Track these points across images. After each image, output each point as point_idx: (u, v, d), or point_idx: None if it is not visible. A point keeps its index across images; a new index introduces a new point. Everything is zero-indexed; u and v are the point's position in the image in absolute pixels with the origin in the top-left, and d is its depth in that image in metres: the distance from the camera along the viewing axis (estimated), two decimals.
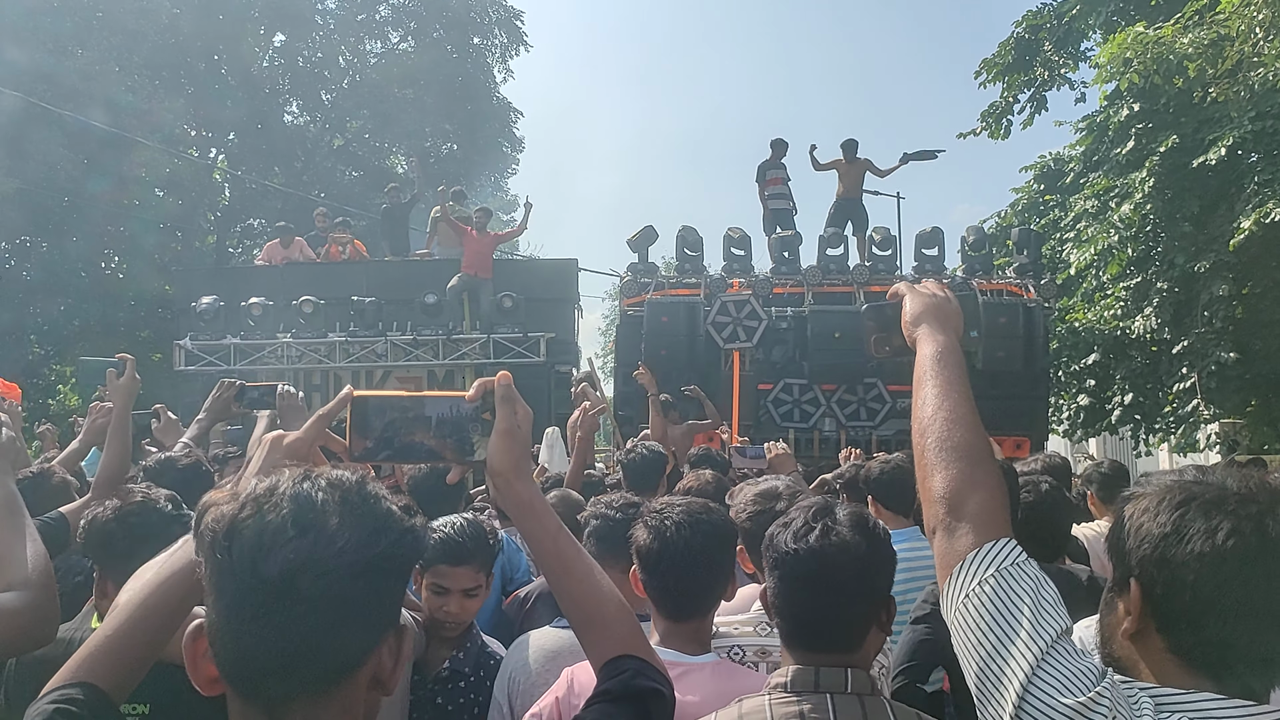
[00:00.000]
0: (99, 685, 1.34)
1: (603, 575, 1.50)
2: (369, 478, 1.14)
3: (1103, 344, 14.88)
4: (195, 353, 12.76)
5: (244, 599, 1.04)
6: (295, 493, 1.07)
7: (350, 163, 27.92)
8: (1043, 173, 18.79)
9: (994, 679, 1.26)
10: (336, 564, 1.03)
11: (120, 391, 3.75)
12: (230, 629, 1.05)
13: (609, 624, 1.46)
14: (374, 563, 1.06)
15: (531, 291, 13.29)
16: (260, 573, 1.02)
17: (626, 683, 1.38)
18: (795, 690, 1.73)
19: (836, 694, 1.71)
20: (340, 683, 1.07)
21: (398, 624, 1.14)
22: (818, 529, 1.83)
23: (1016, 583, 1.31)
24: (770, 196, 13.76)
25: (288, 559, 1.02)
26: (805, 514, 1.87)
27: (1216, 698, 1.22)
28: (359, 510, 1.08)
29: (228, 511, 1.06)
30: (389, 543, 1.08)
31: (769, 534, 1.92)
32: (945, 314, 1.65)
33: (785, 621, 1.84)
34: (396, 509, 1.12)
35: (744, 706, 1.76)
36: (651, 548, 2.29)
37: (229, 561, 1.04)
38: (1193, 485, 1.31)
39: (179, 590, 1.40)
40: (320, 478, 1.10)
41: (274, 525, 1.04)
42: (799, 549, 1.81)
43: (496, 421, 1.45)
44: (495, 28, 28.50)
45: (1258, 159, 12.59)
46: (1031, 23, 16.35)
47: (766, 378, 11.85)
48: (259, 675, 1.06)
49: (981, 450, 1.45)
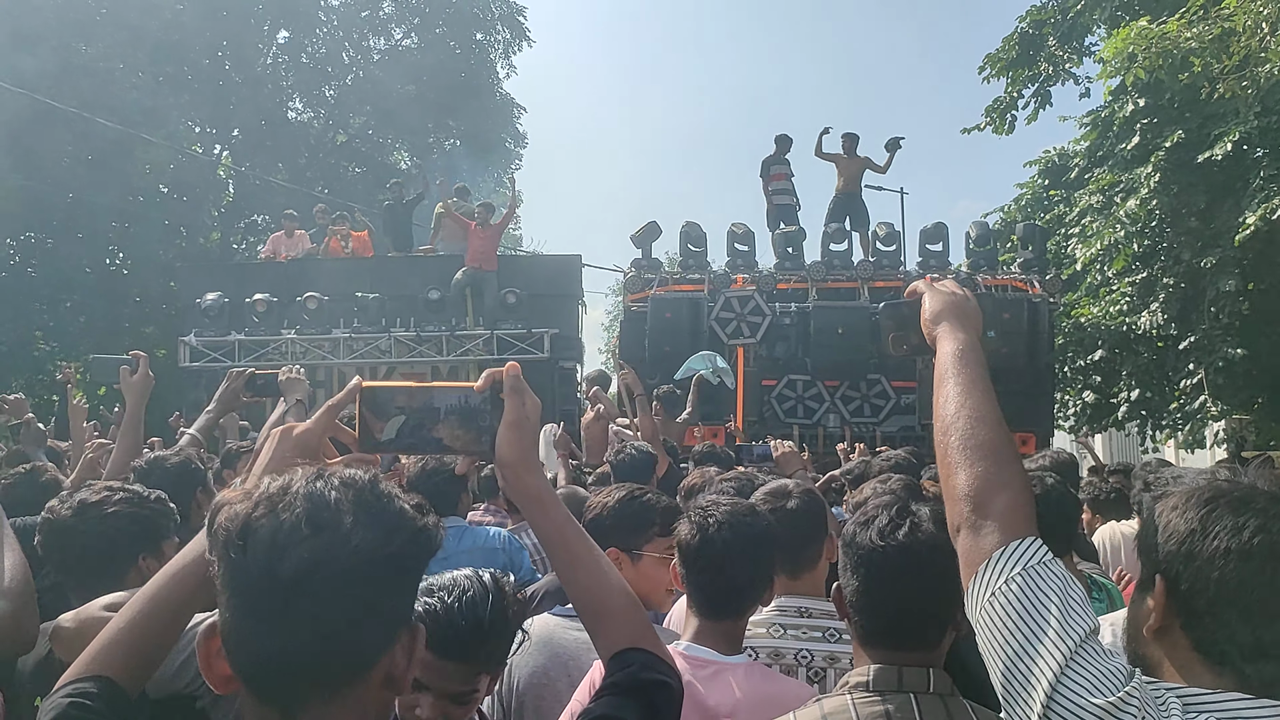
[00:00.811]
0: (114, 679, 1.34)
1: (611, 567, 1.50)
2: (381, 476, 1.14)
3: (1108, 340, 14.86)
4: (200, 349, 12.81)
5: (258, 599, 1.04)
6: (309, 492, 1.07)
7: (354, 159, 27.90)
8: (1047, 168, 18.77)
9: (1021, 678, 1.26)
10: (351, 564, 1.03)
11: (134, 389, 3.75)
12: (244, 628, 1.05)
13: (616, 616, 1.45)
14: (388, 562, 1.07)
15: (535, 287, 13.32)
16: (275, 572, 1.02)
17: (634, 675, 1.38)
18: (878, 690, 1.71)
19: (920, 694, 1.70)
20: (354, 682, 1.07)
21: (411, 623, 1.14)
22: (905, 525, 1.81)
23: (1044, 581, 1.30)
24: (774, 192, 13.76)
25: (302, 558, 1.02)
26: (889, 511, 1.85)
27: (1245, 698, 1.22)
28: (373, 509, 1.07)
29: (241, 511, 1.06)
30: (402, 542, 1.08)
31: (848, 531, 1.89)
32: (965, 312, 1.64)
33: (868, 619, 1.81)
34: (409, 508, 1.12)
35: (825, 706, 1.74)
36: (692, 544, 2.30)
37: (243, 561, 1.04)
38: (1222, 484, 1.31)
39: (191, 583, 1.40)
40: (334, 477, 1.09)
41: (288, 525, 1.04)
42: (887, 546, 1.79)
43: (505, 413, 1.45)
44: (498, 23, 28.44)
45: (1263, 154, 12.56)
46: (1036, 17, 16.30)
47: (770, 374, 11.86)
48: (273, 675, 1.06)
49: (1006, 448, 1.45)
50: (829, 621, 2.55)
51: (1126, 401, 14.93)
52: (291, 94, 27.29)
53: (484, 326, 12.73)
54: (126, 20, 21.97)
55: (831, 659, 2.48)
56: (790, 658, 2.47)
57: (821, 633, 2.54)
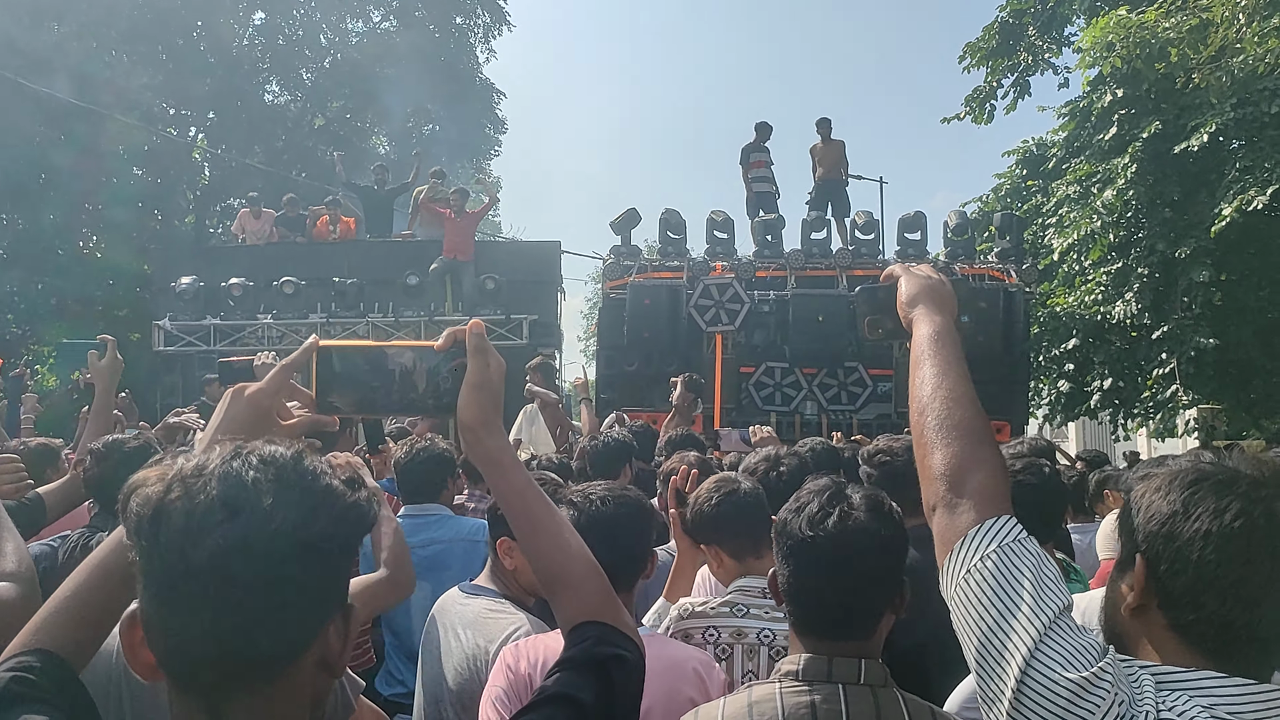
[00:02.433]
0: (57, 652, 1.28)
1: (574, 535, 1.45)
2: (307, 450, 1.08)
3: (1083, 329, 14.96)
4: (174, 333, 12.67)
5: (173, 587, 0.98)
6: (224, 472, 1.01)
7: (331, 142, 27.68)
8: (1025, 158, 18.83)
9: (995, 655, 1.26)
10: (271, 547, 0.98)
11: (102, 373, 3.71)
12: (161, 617, 1.00)
13: (577, 585, 1.41)
14: (313, 543, 1.01)
15: (514, 274, 13.27)
16: (188, 559, 0.96)
17: (588, 650, 1.35)
18: (807, 679, 1.70)
19: (849, 685, 1.68)
20: (284, 670, 1.02)
21: (345, 603, 1.08)
22: (835, 513, 1.77)
23: (1019, 559, 1.31)
24: (754, 179, 13.76)
25: (217, 544, 0.96)
26: (819, 498, 1.81)
27: (1217, 675, 1.23)
28: (295, 488, 1.02)
29: (154, 493, 1.00)
30: (328, 521, 1.02)
31: (780, 519, 1.86)
32: (941, 296, 1.64)
33: (798, 608, 1.79)
34: (338, 483, 1.06)
35: (754, 694, 1.72)
36: (580, 523, 2.31)
37: (156, 547, 0.99)
38: (1206, 467, 1.32)
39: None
40: (253, 454, 1.03)
41: (202, 508, 0.98)
42: (816, 535, 1.76)
43: (468, 374, 1.39)
44: (478, 7, 28.27)
45: (1239, 145, 12.66)
46: (1016, 7, 16.34)
47: (748, 361, 11.86)
48: (194, 665, 1.01)
49: (981, 428, 1.45)
50: None
51: (1099, 390, 15.04)
52: (268, 76, 27.04)
53: (462, 312, 12.67)
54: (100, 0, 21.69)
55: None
56: (753, 636, 2.47)
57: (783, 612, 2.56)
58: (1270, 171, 11.52)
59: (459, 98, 27.24)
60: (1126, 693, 1.20)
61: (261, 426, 1.38)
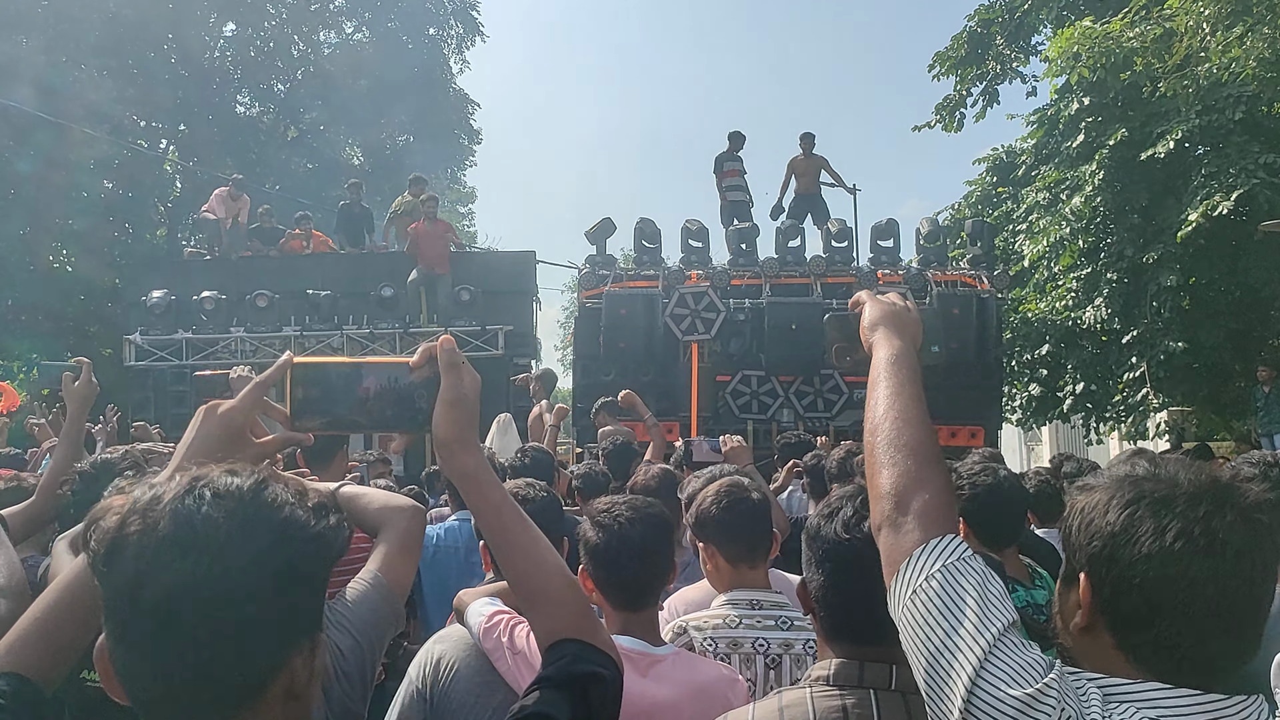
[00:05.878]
0: (27, 675, 1.25)
1: (550, 550, 1.43)
2: (269, 479, 1.05)
3: (1054, 334, 15.13)
4: (146, 348, 12.54)
5: (127, 624, 0.96)
6: (175, 510, 0.97)
7: (305, 154, 27.53)
8: (995, 165, 19.05)
9: (943, 673, 1.26)
10: (227, 586, 0.95)
11: (76, 397, 3.65)
12: (119, 652, 0.98)
13: (554, 602, 1.39)
14: (276, 577, 0.99)
15: (489, 284, 13.25)
16: (139, 600, 0.94)
17: (564, 669, 1.33)
18: (838, 684, 1.69)
19: (880, 690, 1.67)
20: (250, 703, 1.00)
21: (313, 633, 1.06)
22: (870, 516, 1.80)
23: (964, 576, 1.30)
24: (728, 189, 13.83)
25: (167, 585, 0.94)
26: (853, 502, 1.79)
27: (1164, 688, 1.23)
28: (252, 521, 0.99)
29: (110, 527, 0.98)
30: (290, 554, 1.00)
31: (813, 524, 1.85)
32: (903, 321, 1.65)
33: (831, 614, 1.78)
34: (302, 513, 1.03)
35: (784, 699, 1.72)
36: (600, 543, 2.35)
37: (110, 584, 0.97)
38: (1144, 481, 1.31)
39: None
40: (207, 488, 1.00)
41: (153, 547, 0.95)
42: (853, 539, 1.74)
43: (442, 390, 1.38)
44: (451, 18, 28.23)
45: (1204, 152, 12.86)
46: (984, 16, 16.55)
47: (724, 369, 11.89)
48: (154, 702, 0.99)
49: (929, 449, 1.45)
50: (779, 611, 2.62)
51: (1071, 395, 15.20)
52: (240, 88, 26.84)
53: (438, 324, 12.64)
54: (68, 12, 21.49)
55: (786, 645, 2.56)
56: (748, 646, 2.53)
57: (774, 621, 2.61)
58: (1235, 177, 11.71)
59: (433, 109, 27.16)
60: (1074, 707, 1.20)
61: (235, 445, 1.37)
